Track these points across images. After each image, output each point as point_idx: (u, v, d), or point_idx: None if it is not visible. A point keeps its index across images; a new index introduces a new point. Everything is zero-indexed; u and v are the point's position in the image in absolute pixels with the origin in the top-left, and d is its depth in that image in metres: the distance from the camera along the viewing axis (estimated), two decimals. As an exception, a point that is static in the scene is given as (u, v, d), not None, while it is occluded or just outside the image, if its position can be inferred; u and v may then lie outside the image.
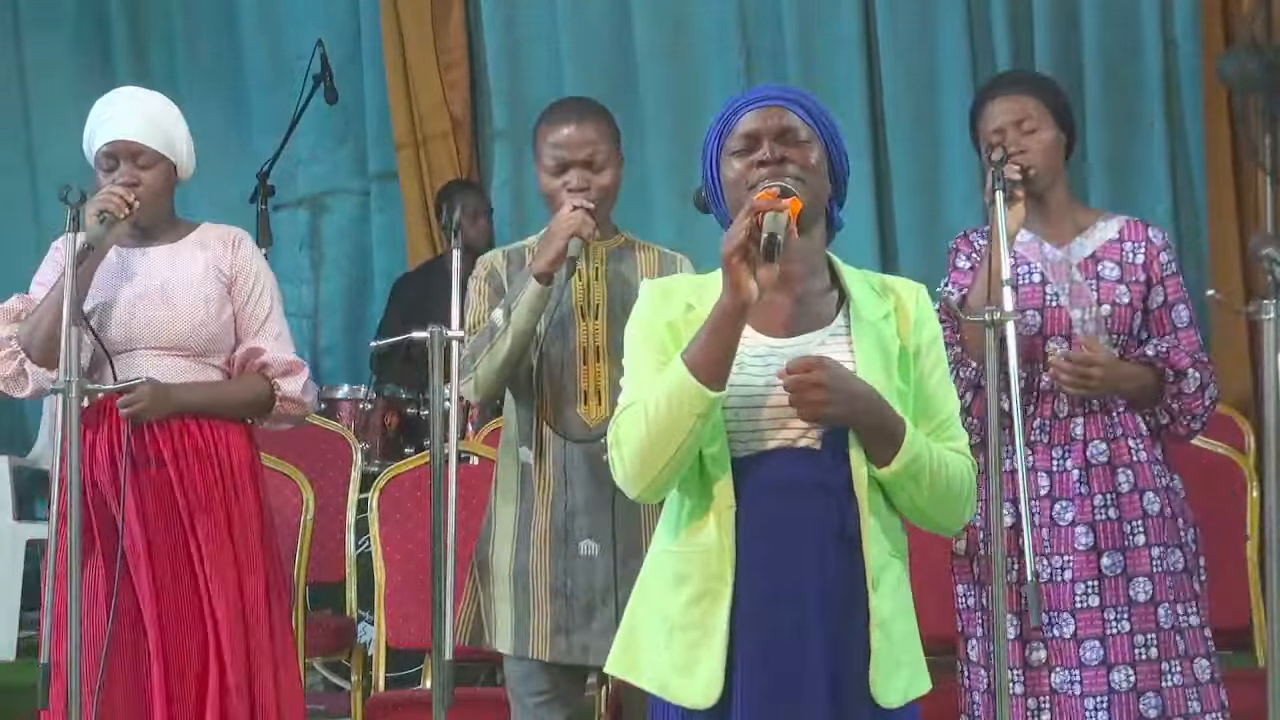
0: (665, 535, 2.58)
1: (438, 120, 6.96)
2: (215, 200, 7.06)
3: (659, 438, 2.44)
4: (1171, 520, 3.56)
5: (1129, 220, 3.69)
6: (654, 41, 6.84)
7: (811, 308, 2.58)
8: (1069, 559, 3.51)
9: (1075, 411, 3.56)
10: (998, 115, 3.60)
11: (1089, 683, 3.49)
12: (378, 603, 4.51)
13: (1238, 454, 4.63)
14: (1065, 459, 3.56)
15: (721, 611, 2.48)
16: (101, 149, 3.76)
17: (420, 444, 5.76)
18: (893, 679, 2.51)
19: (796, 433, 2.50)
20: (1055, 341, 3.56)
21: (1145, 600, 3.50)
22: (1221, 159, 6.32)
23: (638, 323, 2.60)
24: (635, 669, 2.58)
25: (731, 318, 2.42)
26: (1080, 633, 3.49)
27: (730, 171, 2.58)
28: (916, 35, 6.62)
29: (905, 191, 6.66)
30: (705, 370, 2.42)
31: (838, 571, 2.49)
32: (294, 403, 3.84)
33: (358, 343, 7.11)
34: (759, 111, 2.58)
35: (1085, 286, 3.58)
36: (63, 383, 3.45)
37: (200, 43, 7.26)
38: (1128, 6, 6.46)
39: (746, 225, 2.40)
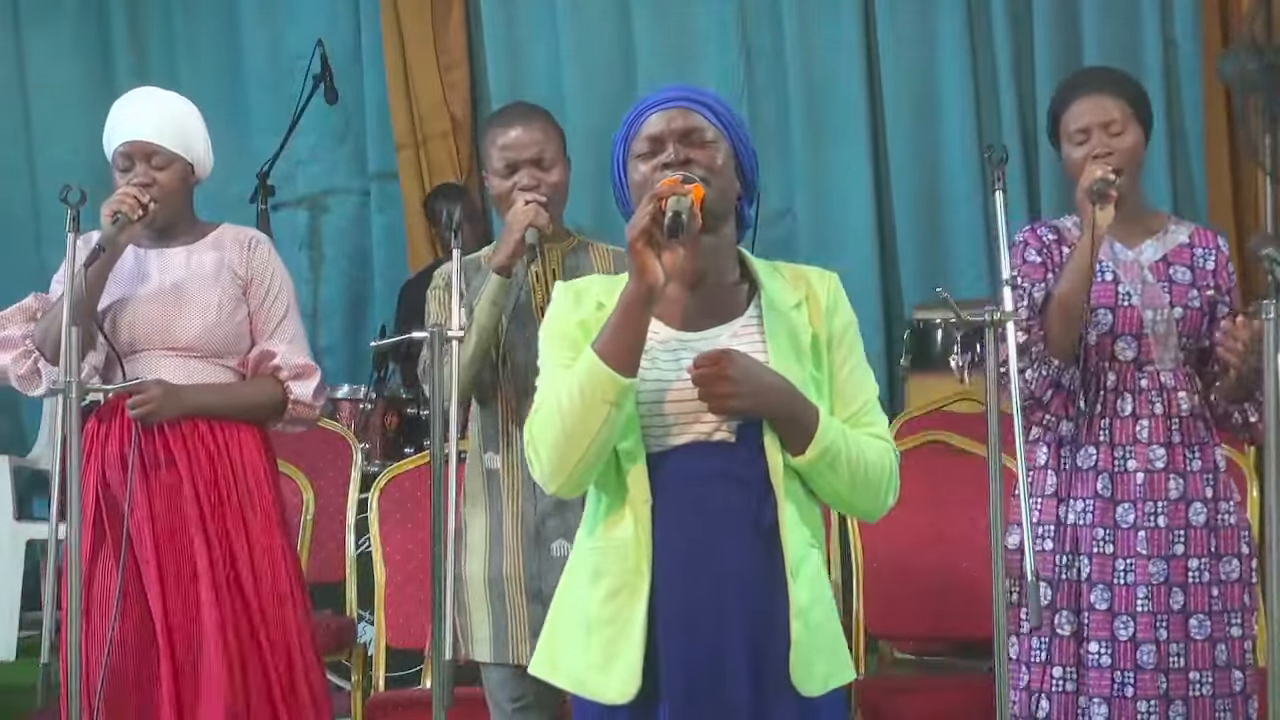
0: (583, 532, 2.60)
1: (438, 120, 6.97)
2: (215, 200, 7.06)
3: (574, 430, 2.45)
4: (1231, 530, 3.58)
5: (1198, 227, 3.71)
6: (654, 41, 6.84)
7: (722, 301, 2.59)
8: (1131, 562, 3.52)
9: (1140, 413, 3.57)
10: (1084, 114, 3.59)
11: (1143, 687, 3.50)
12: (378, 603, 4.51)
13: (1238, 454, 4.63)
14: (1127, 460, 3.56)
15: (639, 605, 2.49)
16: (118, 149, 3.77)
17: (420, 444, 5.76)
18: (813, 667, 2.52)
19: (711, 426, 2.51)
20: (1125, 341, 3.57)
21: (1179, 610, 3.52)
22: (1221, 159, 6.32)
23: (550, 324, 2.61)
24: (555, 669, 2.59)
25: (639, 303, 2.44)
26: (1139, 635, 3.51)
27: (636, 174, 2.59)
28: (916, 35, 6.62)
29: (905, 191, 6.66)
30: (615, 357, 2.43)
31: (756, 562, 2.50)
32: (305, 406, 3.84)
33: (358, 343, 7.11)
34: (663, 113, 2.59)
35: (1158, 288, 3.59)
36: (63, 383, 3.45)
37: (200, 43, 7.25)
38: (1128, 6, 6.46)
39: (650, 210, 2.43)
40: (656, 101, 2.61)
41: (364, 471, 5.23)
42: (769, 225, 6.46)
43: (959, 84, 6.56)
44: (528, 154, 3.60)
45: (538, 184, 3.59)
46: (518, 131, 3.62)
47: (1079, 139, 3.59)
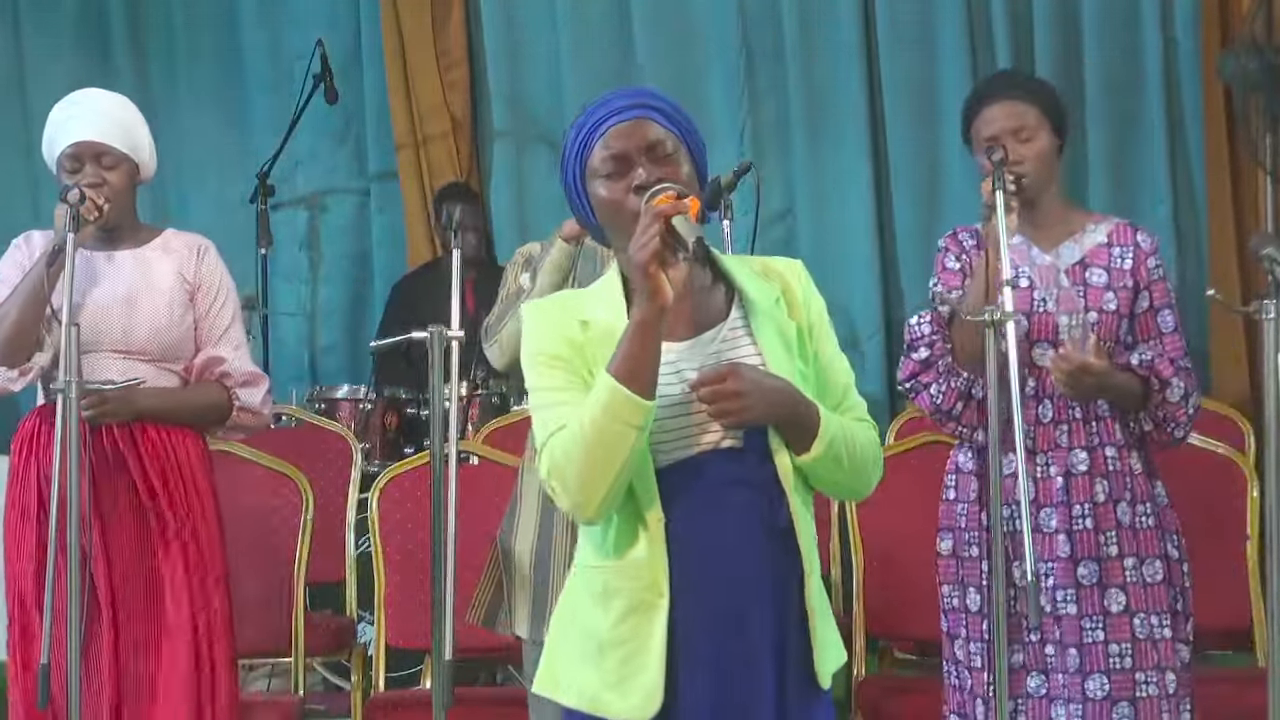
0: (590, 551, 2.56)
1: (438, 120, 6.96)
2: (215, 200, 7.08)
3: (600, 457, 2.42)
4: (1153, 531, 3.56)
5: (1118, 224, 3.68)
6: (654, 41, 6.84)
7: (705, 305, 2.57)
8: (1051, 565, 3.51)
9: (1060, 418, 3.56)
10: (994, 121, 3.59)
11: (1071, 690, 3.49)
12: (378, 603, 4.51)
13: (1238, 454, 4.63)
14: (1049, 465, 3.56)
15: (658, 622, 2.47)
16: (66, 150, 3.76)
17: (420, 444, 5.76)
18: (828, 660, 2.54)
19: (718, 435, 2.50)
20: (1041, 347, 3.56)
21: (1119, 610, 3.50)
22: (1221, 159, 6.32)
23: (534, 348, 2.54)
24: (559, 688, 2.56)
25: (654, 323, 2.41)
26: (1065, 639, 3.50)
27: (604, 192, 2.53)
28: (916, 35, 6.61)
29: (905, 191, 6.65)
30: (635, 380, 2.40)
31: (773, 566, 2.50)
32: (252, 413, 3.84)
33: (358, 343, 7.10)
34: (621, 128, 2.53)
35: (1072, 292, 3.58)
36: (63, 383, 3.45)
37: (200, 43, 7.24)
38: (1128, 6, 6.45)
39: (656, 231, 2.39)
40: (610, 111, 2.54)
41: (364, 471, 5.23)
42: (769, 225, 6.49)
43: (959, 84, 6.54)
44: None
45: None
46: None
47: (986, 146, 3.56)
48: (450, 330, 3.42)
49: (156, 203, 6.98)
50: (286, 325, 7.12)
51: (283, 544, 4.55)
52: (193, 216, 6.88)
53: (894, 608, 4.50)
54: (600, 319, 2.51)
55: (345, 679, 5.29)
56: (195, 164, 7.14)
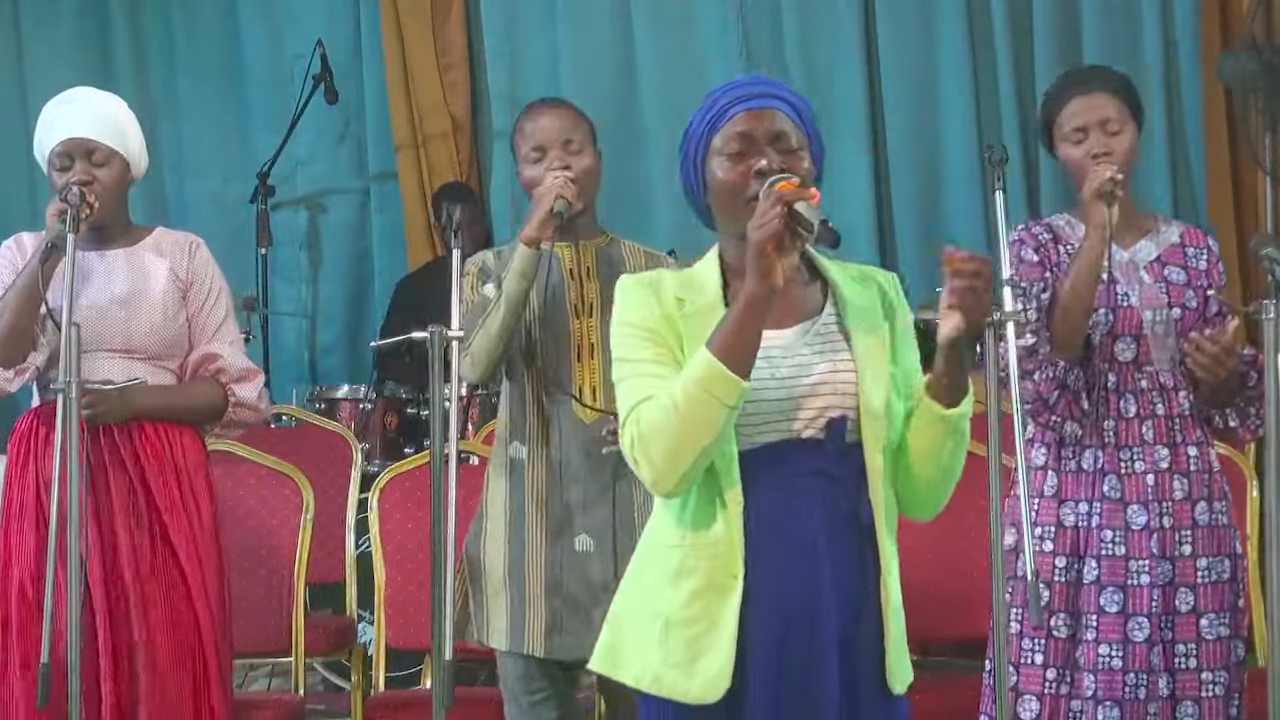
0: (665, 530, 2.56)
1: (438, 120, 6.96)
2: (215, 200, 7.09)
3: (690, 431, 2.42)
4: (1227, 529, 3.58)
5: (1187, 227, 3.71)
6: (654, 41, 6.84)
7: (800, 300, 2.58)
8: (1145, 563, 3.51)
9: (1143, 413, 3.57)
10: (1081, 113, 3.58)
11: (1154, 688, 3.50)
12: (378, 603, 4.51)
13: (1238, 454, 4.63)
14: (1135, 461, 3.55)
15: (730, 604, 2.47)
16: (55, 148, 3.77)
17: (420, 444, 5.76)
18: (902, 666, 2.54)
19: (801, 424, 2.51)
20: (1124, 341, 3.56)
21: (1188, 610, 3.52)
22: (1221, 159, 6.32)
23: (629, 319, 2.56)
24: (619, 666, 2.57)
25: (761, 304, 2.42)
26: (1153, 637, 3.51)
27: (721, 173, 2.56)
28: (916, 35, 6.62)
29: (905, 191, 6.66)
30: (734, 358, 2.41)
31: (847, 561, 2.50)
32: (248, 409, 3.84)
33: (358, 343, 7.11)
34: (752, 112, 2.57)
35: (1155, 288, 3.58)
36: (63, 383, 3.45)
37: (200, 42, 7.25)
38: (1128, 6, 6.46)
39: (779, 214, 2.41)
40: (743, 96, 2.58)
41: (364, 471, 5.23)
42: (769, 225, 6.49)
43: (959, 84, 6.56)
44: (555, 137, 3.62)
45: (567, 165, 3.60)
46: (546, 119, 3.65)
47: (1076, 138, 3.58)
48: (450, 330, 3.41)
49: (156, 202, 6.99)
50: (286, 325, 7.13)
51: (283, 544, 4.55)
52: (193, 216, 6.89)
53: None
54: (697, 298, 2.53)
55: (345, 679, 5.29)
56: (195, 164, 7.14)
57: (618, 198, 6.84)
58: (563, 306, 3.61)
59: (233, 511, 3.93)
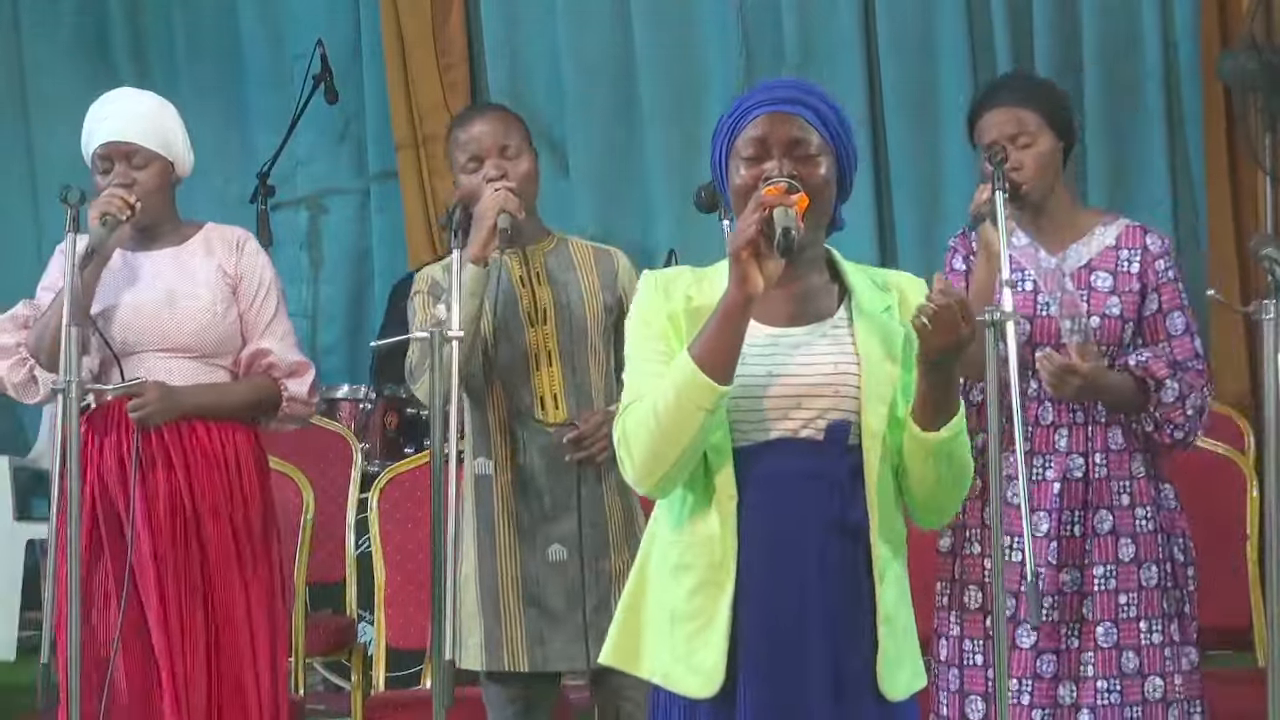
0: (666, 526, 2.57)
1: (438, 120, 6.95)
2: (215, 200, 7.07)
3: (668, 434, 2.44)
4: (1153, 535, 3.55)
5: (1128, 226, 3.67)
6: (654, 41, 6.84)
7: (813, 301, 2.58)
8: (1042, 571, 3.50)
9: (1060, 422, 3.56)
10: (993, 127, 3.59)
11: (1039, 695, 3.50)
12: (378, 603, 4.51)
13: (1238, 454, 4.63)
14: (1046, 469, 3.55)
15: (723, 601, 2.48)
16: (97, 151, 3.76)
17: (420, 444, 5.76)
18: (898, 671, 2.52)
19: (798, 423, 2.51)
20: (1042, 350, 3.55)
21: (1090, 619, 3.52)
22: (1221, 159, 6.31)
23: (639, 316, 2.58)
24: (635, 660, 2.57)
25: (738, 311, 2.42)
26: (1041, 644, 3.51)
27: (737, 177, 2.56)
28: (916, 35, 6.62)
29: (905, 191, 6.65)
30: (712, 364, 2.42)
31: (840, 563, 2.50)
32: (301, 403, 3.84)
33: (358, 343, 7.10)
34: (771, 117, 2.55)
35: (1076, 296, 3.57)
36: (63, 383, 3.45)
37: (200, 43, 7.25)
38: (1128, 6, 6.45)
39: (756, 220, 2.41)
40: (765, 100, 2.57)
41: (364, 471, 5.23)
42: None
43: (959, 85, 6.55)
44: (491, 143, 3.60)
45: (504, 173, 3.58)
46: (479, 125, 3.62)
47: (988, 151, 3.57)
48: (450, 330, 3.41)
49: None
50: (286, 325, 7.12)
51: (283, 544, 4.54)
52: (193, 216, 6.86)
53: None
54: (705, 296, 2.53)
55: (345, 679, 5.29)
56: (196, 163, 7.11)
57: (617, 197, 6.85)
58: (516, 316, 3.60)
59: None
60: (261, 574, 3.75)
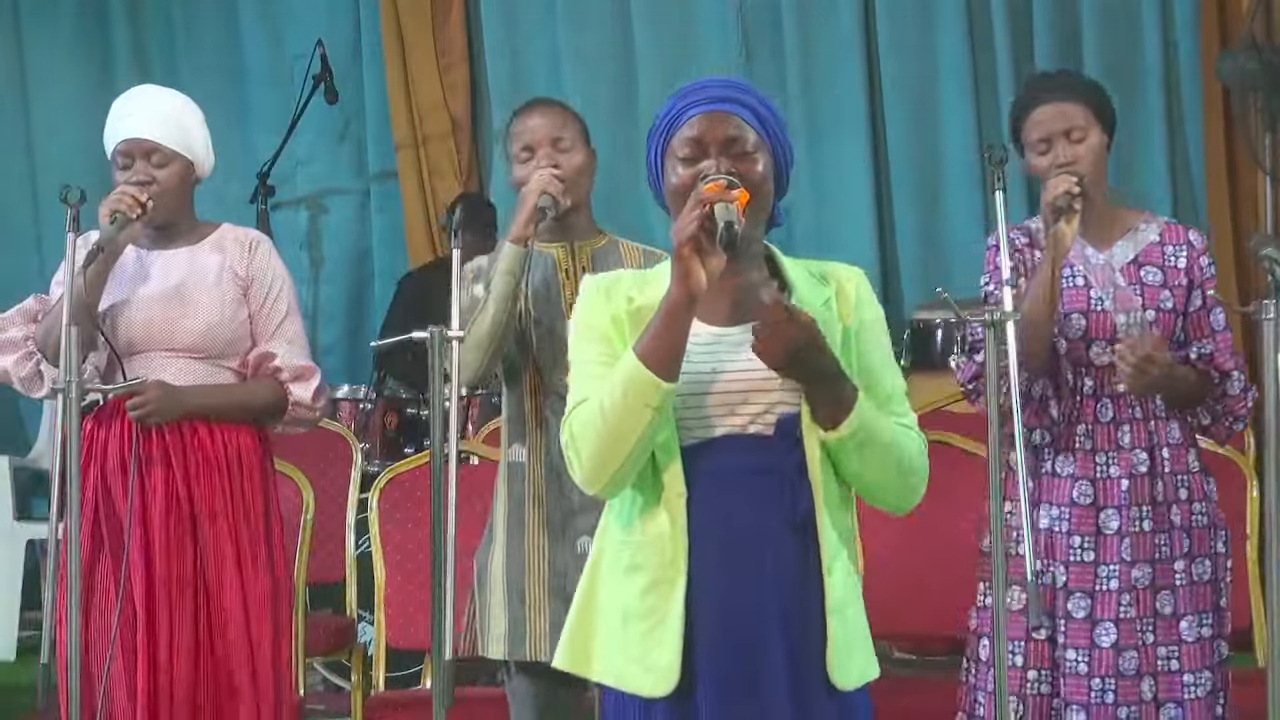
0: (615, 526, 2.58)
1: (438, 120, 6.97)
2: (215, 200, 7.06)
3: (615, 432, 2.45)
4: (1206, 530, 3.57)
5: (1169, 223, 3.69)
6: (654, 41, 6.84)
7: (753, 298, 2.58)
8: (1115, 568, 3.51)
9: (1120, 418, 3.56)
10: (1045, 123, 3.58)
11: (1124, 692, 3.50)
12: (378, 603, 4.51)
13: (1238, 454, 4.63)
14: (1110, 466, 3.55)
15: (676, 599, 2.49)
16: (117, 147, 3.76)
17: (420, 444, 5.76)
18: (849, 661, 2.54)
19: (746, 419, 2.52)
20: (1098, 345, 3.56)
21: (1169, 614, 3.52)
22: (1221, 159, 6.32)
23: (581, 319, 2.60)
24: (586, 663, 2.58)
25: (681, 308, 2.44)
26: (1121, 642, 3.50)
27: (674, 177, 2.58)
28: (916, 35, 6.62)
29: (905, 191, 6.66)
30: (657, 362, 2.43)
31: (791, 556, 2.51)
32: (305, 408, 3.83)
33: (358, 343, 7.11)
34: (706, 116, 2.57)
35: (1130, 291, 3.58)
36: (63, 383, 3.45)
37: (200, 42, 7.26)
38: (1128, 6, 6.46)
39: (697, 216, 2.43)
40: (699, 100, 2.59)
41: (364, 471, 5.23)
42: (769, 225, 6.50)
43: (959, 84, 6.56)
44: (544, 135, 3.62)
45: (555, 163, 3.60)
46: (535, 118, 3.64)
47: (1041, 148, 3.58)
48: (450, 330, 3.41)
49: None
50: (287, 325, 7.12)
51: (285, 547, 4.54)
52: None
53: (893, 607, 4.48)
54: (646, 297, 2.54)
55: (345, 679, 5.29)
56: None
57: (616, 197, 6.83)
58: (556, 306, 3.61)
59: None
60: (262, 577, 3.75)
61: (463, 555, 3.67)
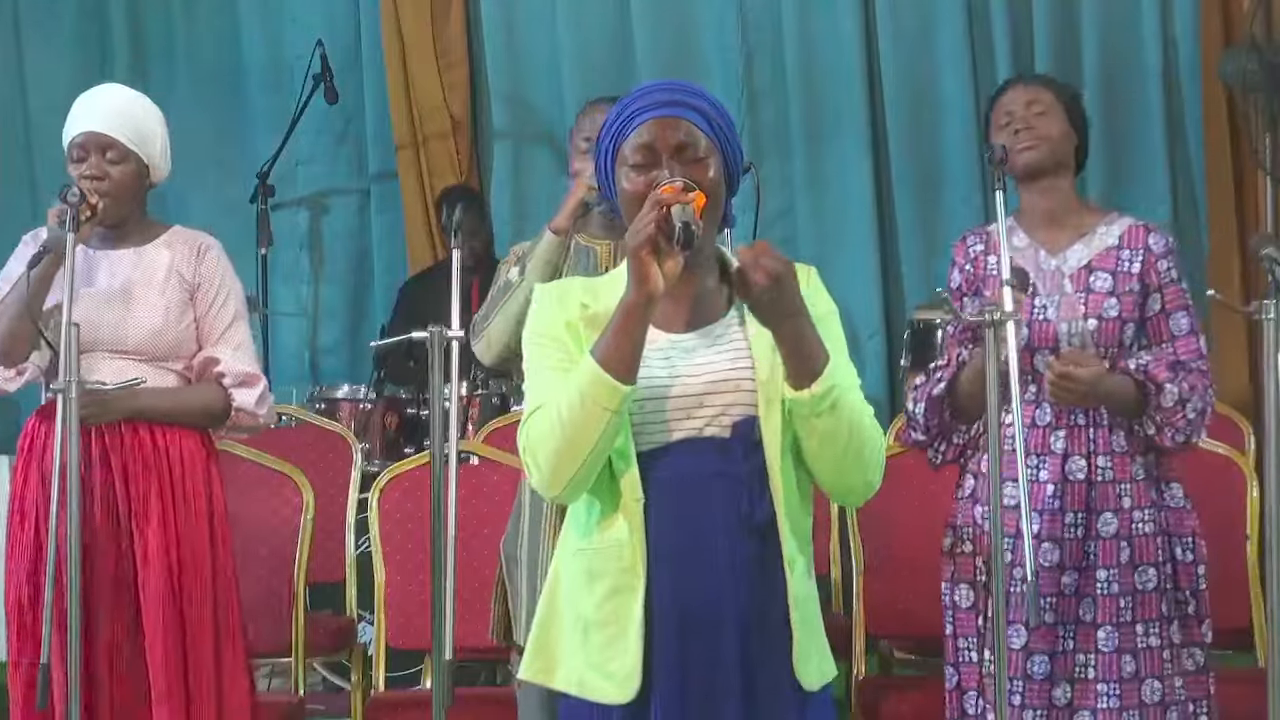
0: (574, 534, 2.58)
1: (438, 120, 6.96)
2: (215, 200, 7.08)
3: (573, 437, 2.45)
4: (1150, 537, 3.54)
5: (1132, 225, 3.65)
6: (654, 41, 6.84)
7: (707, 302, 2.58)
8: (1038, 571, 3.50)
9: (1059, 424, 3.55)
10: (1009, 102, 3.62)
11: (1030, 696, 3.50)
12: (378, 603, 4.51)
13: (1237, 454, 4.63)
14: (1040, 470, 3.54)
15: (635, 605, 2.49)
16: (74, 139, 3.74)
17: (420, 444, 5.76)
18: (809, 661, 2.53)
19: (702, 422, 2.51)
20: (1041, 354, 3.54)
21: (1089, 621, 3.51)
22: (1221, 159, 6.32)
23: (535, 326, 2.59)
24: (549, 671, 2.58)
25: (639, 310, 2.43)
26: (1030, 645, 3.50)
27: (627, 183, 2.57)
28: (916, 35, 6.62)
29: (905, 192, 6.66)
30: (615, 365, 2.42)
31: (750, 559, 2.50)
32: (248, 414, 3.81)
33: (358, 343, 7.10)
34: (657, 122, 2.56)
35: (1075, 299, 3.56)
36: (63, 383, 3.44)
37: (200, 43, 7.25)
38: (1128, 6, 6.46)
39: (654, 218, 2.42)
40: (647, 105, 2.58)
41: (364, 471, 5.22)
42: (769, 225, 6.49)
43: (959, 84, 6.56)
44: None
45: None
46: (602, 114, 3.64)
47: (1003, 120, 3.60)
48: (450, 330, 3.42)
49: (156, 202, 6.95)
50: (286, 325, 7.13)
51: (283, 544, 4.55)
52: (193, 216, 6.82)
53: (894, 608, 4.49)
54: (600, 304, 2.53)
55: (345, 679, 5.29)
56: (195, 164, 7.11)
57: (617, 197, 6.85)
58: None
59: (233, 511, 3.92)
60: (203, 577, 3.72)
61: (463, 555, 3.68)
